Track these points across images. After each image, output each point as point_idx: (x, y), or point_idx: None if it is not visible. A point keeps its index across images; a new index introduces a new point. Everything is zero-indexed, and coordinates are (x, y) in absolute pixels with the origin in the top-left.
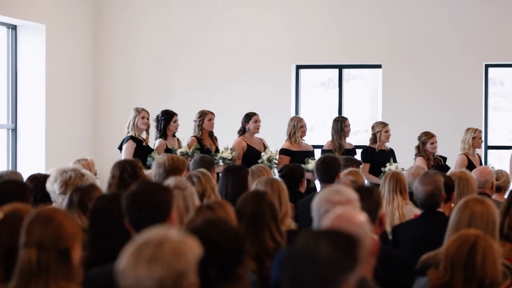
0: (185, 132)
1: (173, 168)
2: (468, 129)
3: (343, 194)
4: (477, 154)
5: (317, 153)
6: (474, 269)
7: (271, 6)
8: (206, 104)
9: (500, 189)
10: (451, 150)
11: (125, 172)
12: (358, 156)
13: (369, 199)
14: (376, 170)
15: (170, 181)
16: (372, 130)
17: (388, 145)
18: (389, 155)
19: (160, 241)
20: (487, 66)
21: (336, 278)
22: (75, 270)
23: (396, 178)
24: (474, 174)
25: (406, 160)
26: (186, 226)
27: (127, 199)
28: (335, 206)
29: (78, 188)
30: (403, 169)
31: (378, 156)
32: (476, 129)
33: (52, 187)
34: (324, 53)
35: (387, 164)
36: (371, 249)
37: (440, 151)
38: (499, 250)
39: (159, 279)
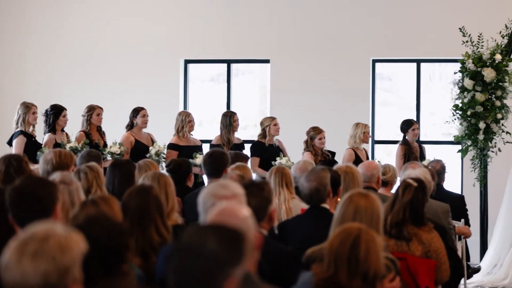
0: (73, 126)
1: (60, 165)
2: (357, 124)
3: (229, 188)
4: (363, 148)
5: (206, 148)
6: (357, 262)
7: (160, 0)
8: (94, 98)
9: (387, 183)
10: (339, 145)
11: (11, 166)
12: (247, 151)
13: (260, 195)
14: (266, 164)
15: (56, 176)
16: (261, 125)
17: (278, 138)
18: (279, 149)
19: (45, 235)
20: (374, 61)
21: (221, 272)
22: None
23: (282, 172)
24: (360, 168)
25: (295, 155)
26: (70, 222)
27: (11, 194)
28: (221, 200)
29: None
30: (293, 163)
31: (267, 150)
32: (366, 124)
33: None
34: (212, 48)
35: (277, 158)
36: (255, 243)
37: (328, 146)
38: (381, 243)
39: (43, 274)
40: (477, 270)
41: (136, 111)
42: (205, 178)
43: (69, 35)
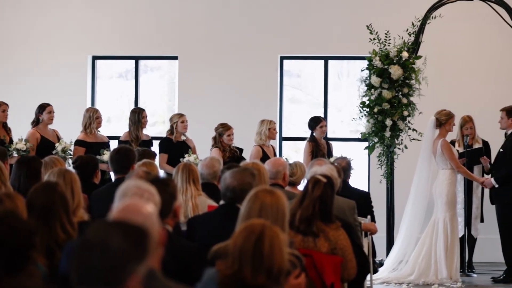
0: None
1: None
2: (262, 121)
3: (146, 186)
4: (271, 145)
5: (114, 144)
6: (261, 258)
7: None
8: (0, 95)
9: (294, 184)
10: (247, 142)
11: None
12: (155, 147)
13: (165, 191)
14: (174, 161)
15: None
16: (170, 122)
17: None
18: (187, 146)
19: None
20: (282, 58)
21: (125, 268)
22: None
23: (189, 168)
24: (266, 165)
25: (203, 151)
26: None
27: None
28: (143, 193)
29: None
30: (201, 161)
31: (176, 147)
32: (271, 121)
33: None
34: (120, 44)
35: (186, 155)
36: (159, 239)
37: (236, 143)
38: (285, 239)
39: None
40: (380, 264)
41: (42, 107)
42: (112, 174)
43: None
